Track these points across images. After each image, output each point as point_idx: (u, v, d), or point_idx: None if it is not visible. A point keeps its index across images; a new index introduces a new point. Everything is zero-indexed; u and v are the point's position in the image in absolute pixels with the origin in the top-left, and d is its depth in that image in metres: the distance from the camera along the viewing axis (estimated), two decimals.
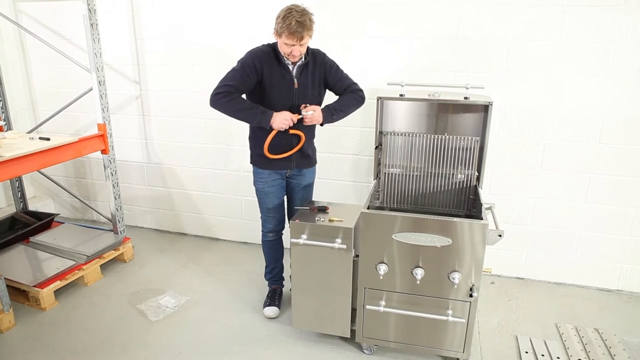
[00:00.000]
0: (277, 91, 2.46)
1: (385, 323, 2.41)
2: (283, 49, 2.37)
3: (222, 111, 2.42)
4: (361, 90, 2.60)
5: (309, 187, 2.82)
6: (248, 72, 2.41)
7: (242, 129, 3.51)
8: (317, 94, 2.57)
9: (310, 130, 2.65)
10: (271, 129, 2.43)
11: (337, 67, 2.59)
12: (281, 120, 2.40)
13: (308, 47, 2.46)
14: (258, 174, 2.68)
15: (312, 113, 2.45)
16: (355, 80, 2.63)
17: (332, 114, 2.52)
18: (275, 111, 2.44)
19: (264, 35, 3.22)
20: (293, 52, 2.35)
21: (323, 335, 2.66)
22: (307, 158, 2.71)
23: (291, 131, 2.49)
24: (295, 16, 2.25)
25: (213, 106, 2.42)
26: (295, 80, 2.47)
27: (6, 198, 4.13)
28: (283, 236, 2.89)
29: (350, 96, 2.58)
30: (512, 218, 3.20)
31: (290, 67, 2.46)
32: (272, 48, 2.46)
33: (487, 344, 2.62)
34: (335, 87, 2.60)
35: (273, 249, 2.90)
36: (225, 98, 2.39)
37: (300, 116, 2.45)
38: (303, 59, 2.46)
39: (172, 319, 2.83)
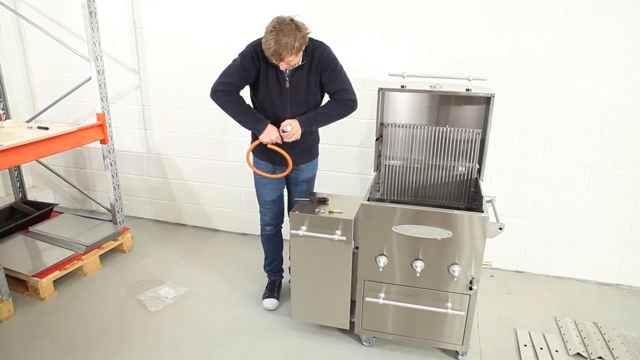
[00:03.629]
0: (269, 89, 2.41)
1: (384, 315, 2.41)
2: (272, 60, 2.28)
3: (220, 108, 2.43)
4: (351, 100, 2.45)
5: (310, 180, 2.77)
6: (247, 68, 2.37)
7: None
8: (313, 93, 2.45)
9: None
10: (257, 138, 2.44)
11: (335, 66, 2.41)
12: (268, 136, 2.39)
13: (310, 42, 2.32)
14: (256, 164, 2.66)
15: (290, 129, 2.39)
16: (351, 84, 2.47)
17: (310, 124, 2.45)
18: (266, 110, 2.45)
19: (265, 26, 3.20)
20: (280, 67, 2.29)
21: (322, 327, 2.66)
22: (302, 154, 2.62)
23: (270, 146, 2.44)
24: (276, 37, 2.12)
25: (213, 99, 2.43)
26: (287, 79, 2.38)
27: (5, 187, 4.12)
28: (282, 229, 2.88)
29: (335, 106, 2.45)
30: (513, 211, 3.19)
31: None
32: None
33: (486, 337, 2.62)
34: (325, 86, 2.46)
35: (272, 243, 2.89)
36: (224, 97, 2.39)
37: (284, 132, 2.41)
38: (300, 60, 2.35)
39: (171, 310, 2.83)
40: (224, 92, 2.38)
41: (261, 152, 2.59)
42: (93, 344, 2.53)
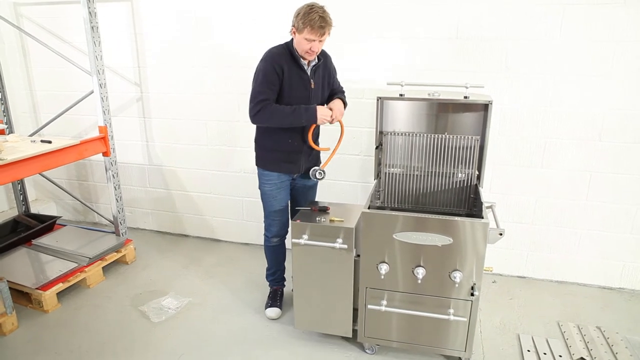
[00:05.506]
0: (295, 92, 2.47)
1: (387, 322, 2.41)
2: (302, 46, 2.35)
3: (267, 125, 2.49)
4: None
5: (314, 187, 2.85)
6: (272, 80, 2.41)
7: (244, 130, 3.54)
8: (325, 95, 2.65)
9: (315, 131, 2.68)
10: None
11: (335, 69, 2.72)
12: (322, 116, 2.46)
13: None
14: (266, 176, 2.66)
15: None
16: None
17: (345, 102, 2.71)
18: None
19: (269, 36, 3.24)
20: (312, 48, 2.35)
21: (325, 335, 2.66)
22: (315, 159, 2.77)
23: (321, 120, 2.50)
24: (317, 12, 2.28)
25: (256, 123, 2.49)
26: (312, 80, 2.49)
27: (8, 201, 4.14)
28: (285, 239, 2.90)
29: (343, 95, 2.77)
30: (513, 217, 3.20)
31: (306, 67, 2.47)
32: (288, 49, 2.44)
33: (489, 343, 2.62)
34: (333, 85, 2.72)
35: (276, 253, 2.89)
36: (265, 113, 2.41)
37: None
38: (317, 60, 2.50)
39: (174, 321, 2.84)
40: (262, 110, 2.40)
41: (270, 165, 2.61)
42: (97, 356, 2.54)
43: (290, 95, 2.46)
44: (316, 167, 2.68)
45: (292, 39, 2.42)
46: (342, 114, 2.63)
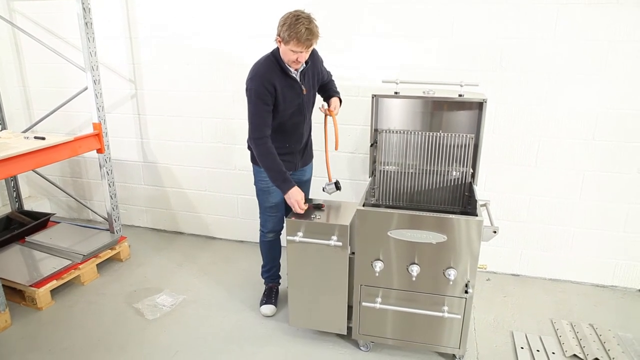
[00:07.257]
0: (288, 103, 2.43)
1: (381, 320, 2.42)
2: (288, 56, 2.29)
3: (257, 157, 2.46)
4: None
5: (309, 181, 2.85)
6: (266, 101, 2.35)
7: (239, 127, 3.53)
8: (315, 91, 2.61)
9: (308, 126, 2.68)
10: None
11: (322, 59, 2.64)
12: (293, 200, 2.41)
13: None
14: (261, 173, 2.62)
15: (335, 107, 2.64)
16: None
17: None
18: (286, 124, 2.49)
19: (262, 34, 3.24)
20: (299, 59, 2.29)
21: (320, 332, 2.67)
22: (309, 155, 2.77)
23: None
24: (304, 23, 2.18)
25: (252, 148, 2.47)
26: (303, 87, 2.46)
27: (1, 198, 4.11)
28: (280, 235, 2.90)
29: (334, 84, 2.75)
30: (507, 215, 3.22)
31: (295, 74, 2.42)
32: (275, 58, 2.37)
33: (483, 340, 2.64)
34: (322, 79, 2.67)
35: (272, 249, 2.89)
36: (259, 148, 2.41)
37: (306, 207, 2.46)
38: (304, 64, 2.43)
39: (169, 318, 2.84)
40: (259, 146, 2.40)
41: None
42: (91, 354, 2.53)
43: (284, 107, 2.43)
44: (328, 184, 2.60)
45: (278, 47, 2.34)
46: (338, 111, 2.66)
